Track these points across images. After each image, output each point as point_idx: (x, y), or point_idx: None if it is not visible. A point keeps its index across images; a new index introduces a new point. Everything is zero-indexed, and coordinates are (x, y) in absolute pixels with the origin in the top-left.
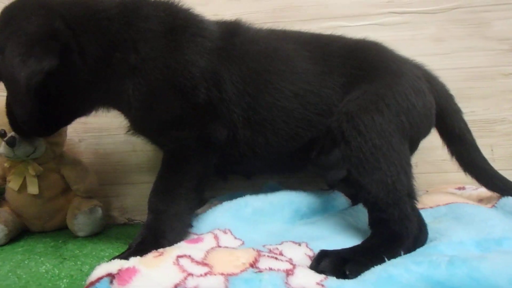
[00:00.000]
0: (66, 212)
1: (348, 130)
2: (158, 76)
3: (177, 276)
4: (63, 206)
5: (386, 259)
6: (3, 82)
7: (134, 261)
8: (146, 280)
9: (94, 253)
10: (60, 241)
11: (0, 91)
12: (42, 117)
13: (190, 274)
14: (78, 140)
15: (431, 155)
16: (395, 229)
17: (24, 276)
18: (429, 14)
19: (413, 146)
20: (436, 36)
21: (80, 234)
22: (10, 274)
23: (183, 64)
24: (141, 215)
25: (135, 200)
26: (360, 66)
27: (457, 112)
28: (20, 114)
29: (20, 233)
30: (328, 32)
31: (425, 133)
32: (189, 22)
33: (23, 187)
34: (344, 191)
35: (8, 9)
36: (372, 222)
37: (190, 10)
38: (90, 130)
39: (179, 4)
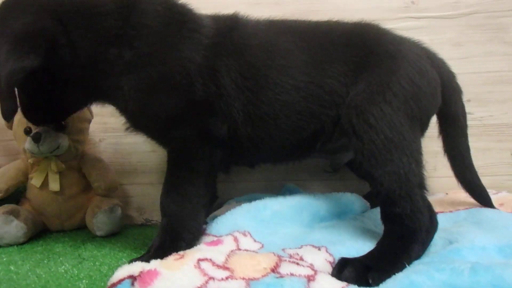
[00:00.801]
0: (85, 211)
1: (358, 124)
2: (153, 73)
3: (199, 280)
4: (83, 204)
5: (406, 263)
6: None
7: (155, 263)
8: (168, 283)
9: (112, 253)
10: (79, 241)
11: None
12: (34, 110)
13: (212, 278)
14: (99, 140)
15: None
16: (408, 223)
17: (43, 276)
18: (448, 19)
19: (424, 126)
20: (454, 40)
21: (99, 233)
22: (29, 273)
23: (179, 61)
24: (159, 216)
25: (154, 200)
26: (360, 53)
27: (457, 91)
28: (3, 112)
29: (39, 232)
30: None
31: (434, 110)
32: (186, 18)
33: (44, 184)
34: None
35: (1, 7)
36: (385, 217)
37: (188, 6)
38: (110, 130)
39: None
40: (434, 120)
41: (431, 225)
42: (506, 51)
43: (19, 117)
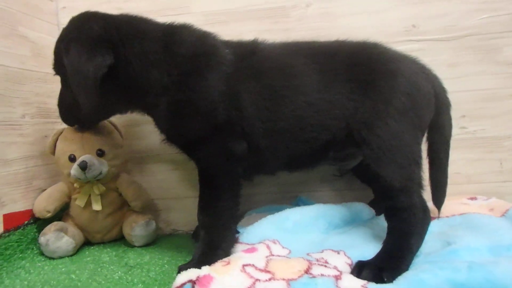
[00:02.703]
0: (121, 225)
1: (368, 135)
2: (183, 98)
3: (247, 282)
4: (119, 220)
5: (410, 257)
6: (68, 76)
7: (206, 269)
8: (222, 285)
9: (154, 261)
10: (121, 251)
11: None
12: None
13: (258, 280)
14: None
15: None
16: (405, 218)
17: (103, 283)
18: (444, 41)
19: (423, 132)
20: (450, 61)
21: (137, 244)
22: (90, 280)
23: (205, 89)
24: (184, 226)
25: (179, 212)
26: (363, 71)
27: (446, 105)
28: (86, 104)
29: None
30: None
31: (430, 118)
32: (215, 49)
33: (87, 204)
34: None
35: (74, 18)
36: (387, 214)
37: (217, 37)
38: (135, 152)
39: (210, 32)
40: None
41: (425, 218)
42: (497, 70)
43: (61, 145)
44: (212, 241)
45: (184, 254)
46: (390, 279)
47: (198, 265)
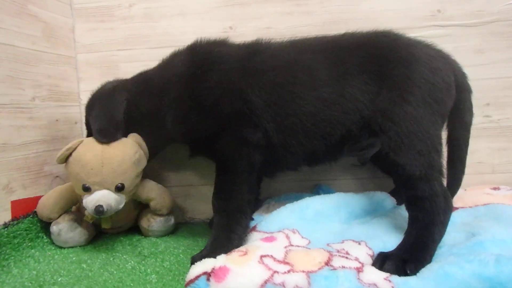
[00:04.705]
0: (136, 212)
1: (384, 123)
2: (185, 105)
3: (265, 273)
4: (134, 207)
5: (433, 248)
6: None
7: (222, 259)
8: (239, 277)
9: (168, 250)
10: (135, 240)
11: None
12: None
13: (276, 272)
14: None
15: (469, 158)
16: (427, 207)
17: (115, 273)
18: (471, 27)
19: (444, 117)
20: (477, 48)
21: (153, 236)
22: (102, 270)
23: (204, 90)
24: (200, 214)
25: (195, 200)
26: (376, 62)
27: (467, 91)
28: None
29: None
30: None
31: (451, 103)
32: (208, 55)
33: None
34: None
35: (98, 90)
36: (408, 203)
37: (211, 42)
38: None
39: (201, 40)
40: None
41: (447, 207)
42: None
43: (77, 169)
44: (226, 224)
45: (201, 243)
46: (414, 272)
47: (212, 253)
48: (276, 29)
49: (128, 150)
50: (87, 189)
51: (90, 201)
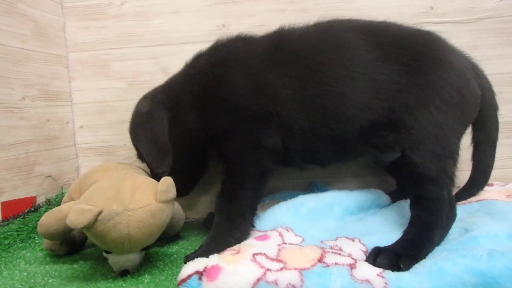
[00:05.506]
0: None
1: (409, 120)
2: (208, 102)
3: (258, 271)
4: None
5: (430, 248)
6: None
7: (215, 259)
8: (231, 275)
9: (162, 249)
10: None
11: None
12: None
13: (269, 270)
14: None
15: (463, 155)
16: (431, 208)
17: (107, 273)
18: (464, 23)
19: (465, 128)
20: (470, 44)
21: None
22: (94, 271)
23: (228, 88)
24: (196, 214)
25: (189, 200)
26: (414, 56)
27: (495, 107)
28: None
29: None
30: None
31: (474, 116)
32: (231, 52)
33: None
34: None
35: (137, 113)
36: (413, 202)
37: (233, 38)
38: None
39: (223, 38)
40: None
41: (451, 214)
42: None
43: (100, 237)
44: (225, 227)
45: (195, 243)
46: (407, 267)
47: (206, 253)
48: (270, 26)
49: (157, 221)
50: (107, 252)
51: (114, 264)
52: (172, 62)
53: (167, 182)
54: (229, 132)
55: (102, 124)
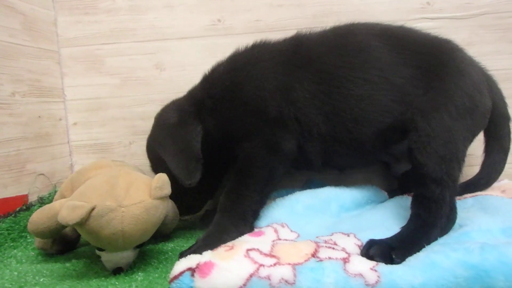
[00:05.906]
0: None
1: (421, 122)
2: (229, 106)
3: (251, 267)
4: None
5: (425, 244)
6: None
7: (208, 255)
8: (224, 272)
9: (157, 247)
10: None
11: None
12: None
13: (262, 265)
14: (129, 142)
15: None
16: (432, 208)
17: (101, 272)
18: (460, 19)
19: (474, 135)
20: (466, 40)
21: None
22: (87, 269)
23: (250, 92)
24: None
25: None
26: (432, 62)
27: (507, 118)
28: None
29: None
30: None
31: (483, 127)
32: (249, 59)
33: None
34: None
35: (161, 111)
36: (415, 201)
37: (250, 46)
38: (139, 133)
39: (240, 47)
40: None
41: (451, 217)
42: None
43: (94, 232)
44: (224, 225)
45: (191, 240)
46: (400, 258)
47: (200, 249)
48: (266, 21)
49: (152, 218)
50: (100, 249)
51: (107, 261)
52: (167, 57)
53: (162, 178)
54: (247, 135)
55: (95, 121)
